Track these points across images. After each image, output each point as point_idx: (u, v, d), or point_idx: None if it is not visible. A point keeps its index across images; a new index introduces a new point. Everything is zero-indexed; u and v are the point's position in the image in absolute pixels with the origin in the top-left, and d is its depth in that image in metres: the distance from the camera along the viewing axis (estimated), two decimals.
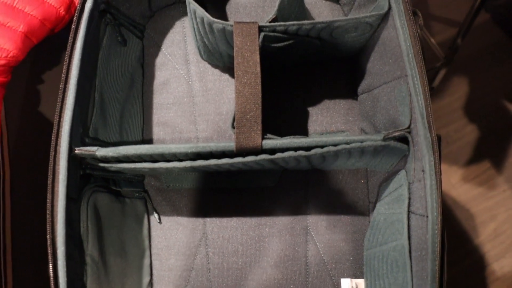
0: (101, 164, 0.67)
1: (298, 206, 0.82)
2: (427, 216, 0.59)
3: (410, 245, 0.62)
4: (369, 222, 0.80)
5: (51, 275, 0.59)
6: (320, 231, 0.81)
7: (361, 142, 0.63)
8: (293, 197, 0.82)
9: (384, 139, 0.63)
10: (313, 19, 0.78)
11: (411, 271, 0.62)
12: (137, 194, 0.80)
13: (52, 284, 0.59)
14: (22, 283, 0.70)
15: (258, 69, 0.65)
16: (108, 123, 0.75)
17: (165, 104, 0.83)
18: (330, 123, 0.82)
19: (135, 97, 0.82)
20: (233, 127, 0.66)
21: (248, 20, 0.83)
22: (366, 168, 0.81)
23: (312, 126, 0.82)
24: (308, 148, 0.63)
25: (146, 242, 0.81)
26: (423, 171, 0.60)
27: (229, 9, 0.84)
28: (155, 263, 0.81)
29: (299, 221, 0.81)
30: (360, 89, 0.80)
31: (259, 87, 0.65)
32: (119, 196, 0.77)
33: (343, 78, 0.83)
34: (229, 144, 0.64)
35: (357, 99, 0.82)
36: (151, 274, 0.81)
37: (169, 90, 0.84)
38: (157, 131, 0.83)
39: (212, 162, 0.64)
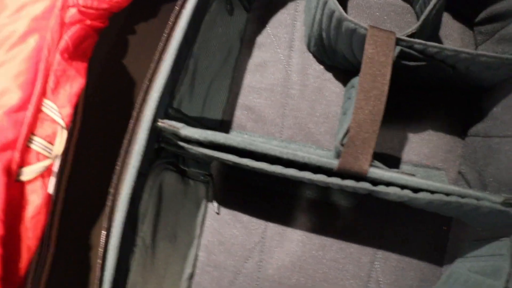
0: (181, 143, 0.60)
1: (371, 238, 0.74)
2: None
3: None
4: (441, 273, 0.73)
5: (101, 252, 0.52)
6: (387, 271, 0.73)
7: (477, 199, 0.55)
8: (368, 226, 0.74)
9: (504, 203, 0.55)
10: (441, 41, 0.70)
11: None
12: (202, 177, 0.73)
13: (100, 263, 0.53)
14: (65, 250, 0.64)
15: (386, 87, 0.57)
16: (194, 95, 0.67)
17: (255, 88, 0.76)
18: (427, 156, 0.74)
19: (226, 73, 0.74)
20: (341, 144, 0.58)
21: (370, 23, 0.75)
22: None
23: (407, 154, 0.74)
24: (415, 190, 0.56)
25: (197, 231, 0.74)
26: None
27: (351, 3, 0.76)
28: (201, 255, 0.75)
29: (367, 254, 0.74)
30: (472, 131, 0.71)
31: (383, 107, 0.57)
32: (184, 176, 0.70)
33: (455, 112, 0.74)
34: (331, 161, 0.56)
35: (464, 139, 0.73)
36: (194, 266, 0.74)
37: (263, 73, 0.76)
38: (239, 115, 0.76)
39: (306, 175, 0.57)
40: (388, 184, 0.56)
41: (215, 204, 0.75)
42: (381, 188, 0.56)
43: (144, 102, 0.56)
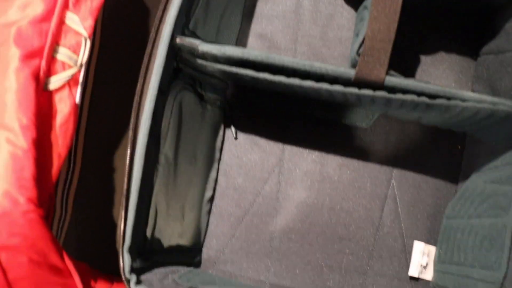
0: (199, 61, 0.61)
1: (387, 156, 0.76)
2: None
3: None
4: (456, 191, 0.74)
5: (127, 165, 0.54)
6: (403, 188, 0.75)
7: (493, 104, 0.56)
8: (384, 145, 0.76)
9: None
10: None
11: (510, 253, 0.56)
12: (219, 103, 0.74)
13: (126, 178, 0.54)
14: (90, 168, 0.66)
15: None
16: (208, 19, 0.68)
17: (267, 15, 0.76)
18: (440, 77, 0.74)
19: (238, 1, 0.74)
20: (357, 54, 0.59)
21: None
22: (465, 134, 0.75)
23: (420, 75, 0.75)
24: (433, 97, 0.57)
25: (217, 155, 0.75)
26: None
27: None
28: (221, 179, 0.76)
29: (384, 172, 0.76)
30: (484, 49, 0.72)
31: (397, 17, 0.57)
32: (202, 100, 0.71)
33: (467, 33, 0.75)
34: (349, 71, 0.57)
35: (477, 59, 0.74)
36: (214, 189, 0.76)
37: (275, 1, 0.76)
38: (252, 42, 0.76)
39: (324, 86, 0.58)
40: (404, 92, 0.57)
41: (232, 129, 0.76)
42: (398, 96, 0.57)
43: (162, 19, 0.57)
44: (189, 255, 0.73)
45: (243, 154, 0.77)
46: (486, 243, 0.61)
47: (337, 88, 0.58)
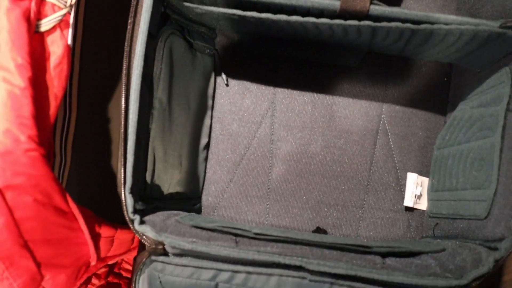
0: (186, 4, 0.61)
1: (376, 92, 0.78)
2: None
3: (503, 144, 0.59)
4: (445, 122, 0.76)
5: (123, 108, 0.55)
6: (393, 122, 0.77)
7: (476, 25, 0.57)
8: (372, 82, 0.78)
9: (501, 27, 0.57)
10: None
11: (499, 170, 0.58)
12: (208, 51, 0.74)
13: (123, 120, 0.55)
14: (86, 114, 0.66)
15: None
16: None
17: None
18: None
19: None
20: None
21: None
22: (450, 65, 0.76)
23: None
24: (416, 22, 0.58)
25: (210, 102, 0.77)
26: None
27: None
28: (215, 125, 0.78)
29: (374, 108, 0.77)
30: None
31: None
32: (191, 47, 0.72)
33: None
34: (334, 2, 0.58)
35: None
36: (210, 136, 0.77)
37: None
38: None
39: (311, 19, 0.59)
40: (389, 20, 0.59)
41: (223, 76, 0.77)
42: (383, 24, 0.58)
43: None
44: (189, 202, 0.75)
45: (236, 100, 0.78)
46: (476, 164, 0.63)
47: (324, 21, 0.59)
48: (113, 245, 0.65)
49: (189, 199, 0.75)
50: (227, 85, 0.78)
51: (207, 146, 0.77)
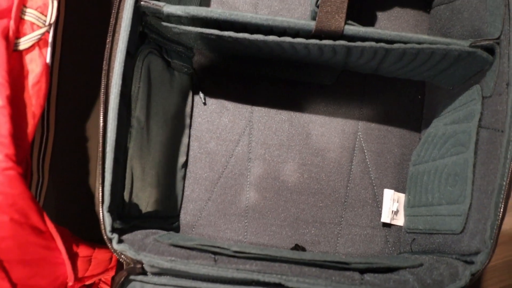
0: (164, 24, 0.62)
1: (352, 110, 0.79)
2: (502, 131, 0.57)
3: (476, 159, 0.60)
4: (419, 139, 0.78)
5: (101, 126, 0.55)
6: (369, 139, 0.78)
7: (447, 44, 0.59)
8: (348, 100, 0.79)
9: (471, 46, 0.59)
10: None
11: (473, 185, 0.60)
12: (185, 70, 0.75)
13: (101, 139, 0.55)
14: (64, 133, 0.66)
15: None
16: None
17: None
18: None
19: None
20: (316, 5, 0.61)
21: None
22: (424, 83, 0.78)
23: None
24: (390, 42, 0.60)
25: (187, 121, 0.77)
26: (507, 84, 0.57)
27: None
28: (193, 144, 0.78)
29: (350, 125, 0.78)
30: (436, 1, 0.75)
31: None
32: (169, 66, 0.72)
33: None
34: (309, 23, 0.59)
35: (429, 11, 0.78)
36: (187, 155, 0.77)
37: None
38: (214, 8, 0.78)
39: (287, 39, 0.60)
40: (363, 39, 0.60)
41: (201, 95, 0.77)
42: (358, 44, 0.59)
43: None
44: (167, 221, 0.75)
45: (213, 118, 0.78)
46: (451, 179, 0.64)
47: (300, 40, 0.60)
48: (91, 265, 0.64)
49: (167, 218, 0.75)
50: (204, 103, 0.78)
51: (185, 165, 0.77)
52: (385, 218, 0.76)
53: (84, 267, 0.63)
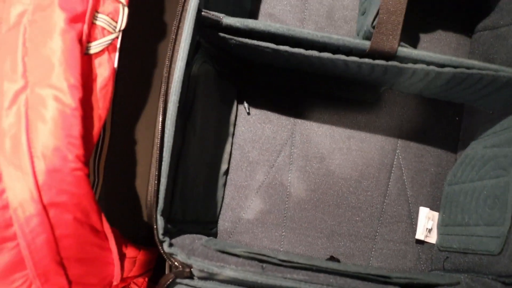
0: (221, 35, 0.64)
1: (392, 128, 0.81)
2: None
3: None
4: (455, 159, 0.80)
5: (159, 131, 0.57)
6: (407, 157, 0.80)
7: (496, 71, 0.61)
8: (389, 117, 0.81)
9: None
10: None
11: None
12: (233, 79, 0.77)
13: (158, 143, 0.57)
14: (118, 136, 0.67)
15: None
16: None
17: None
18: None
19: None
20: (372, 26, 0.63)
21: None
22: (462, 105, 0.80)
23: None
24: (440, 66, 0.61)
25: (231, 129, 0.79)
26: None
27: None
28: (235, 152, 0.80)
29: (390, 143, 0.80)
30: (479, 26, 0.77)
31: None
32: (219, 75, 0.74)
33: (462, 12, 0.81)
34: (364, 42, 0.61)
35: (471, 36, 0.80)
36: (229, 163, 0.79)
37: None
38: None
39: (341, 57, 0.62)
40: (415, 62, 0.62)
41: (246, 104, 0.79)
42: (409, 65, 0.61)
43: None
44: (206, 226, 0.76)
45: (256, 128, 0.80)
46: (490, 201, 0.65)
47: (353, 59, 0.62)
48: (135, 266, 0.65)
49: (206, 223, 0.76)
50: (248, 113, 0.80)
51: (226, 172, 0.79)
52: (420, 235, 0.77)
53: (129, 268, 0.64)
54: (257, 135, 0.80)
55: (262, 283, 0.56)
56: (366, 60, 0.62)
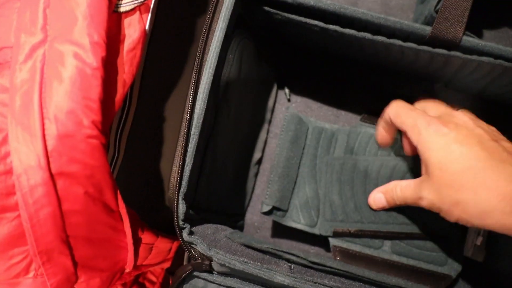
0: (266, 9, 0.58)
1: None
2: None
3: None
4: None
5: (189, 106, 0.51)
6: None
7: None
8: None
9: None
10: None
11: None
12: (274, 62, 0.71)
13: (187, 120, 0.51)
14: (144, 111, 0.62)
15: None
16: None
17: None
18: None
19: None
20: (435, 10, 0.56)
21: None
22: None
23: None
24: (510, 60, 0.54)
25: (268, 116, 0.73)
26: None
27: None
28: (271, 141, 0.73)
29: None
30: None
31: None
32: (259, 55, 0.68)
33: None
34: (424, 27, 0.54)
35: None
36: (263, 151, 0.73)
37: None
38: None
39: (397, 42, 0.55)
40: (480, 54, 0.55)
41: (286, 90, 0.73)
42: (474, 57, 0.54)
43: None
44: (232, 218, 0.70)
45: None
46: None
47: (411, 45, 0.55)
48: (151, 253, 0.60)
49: (233, 215, 0.70)
50: (289, 100, 0.73)
51: (259, 162, 0.73)
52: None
53: (144, 255, 0.59)
54: None
55: (288, 285, 0.50)
56: (425, 47, 0.54)
